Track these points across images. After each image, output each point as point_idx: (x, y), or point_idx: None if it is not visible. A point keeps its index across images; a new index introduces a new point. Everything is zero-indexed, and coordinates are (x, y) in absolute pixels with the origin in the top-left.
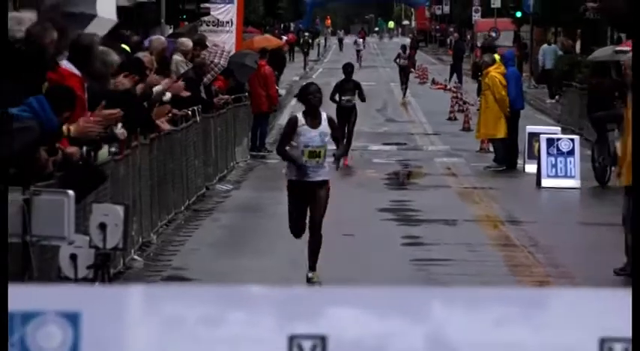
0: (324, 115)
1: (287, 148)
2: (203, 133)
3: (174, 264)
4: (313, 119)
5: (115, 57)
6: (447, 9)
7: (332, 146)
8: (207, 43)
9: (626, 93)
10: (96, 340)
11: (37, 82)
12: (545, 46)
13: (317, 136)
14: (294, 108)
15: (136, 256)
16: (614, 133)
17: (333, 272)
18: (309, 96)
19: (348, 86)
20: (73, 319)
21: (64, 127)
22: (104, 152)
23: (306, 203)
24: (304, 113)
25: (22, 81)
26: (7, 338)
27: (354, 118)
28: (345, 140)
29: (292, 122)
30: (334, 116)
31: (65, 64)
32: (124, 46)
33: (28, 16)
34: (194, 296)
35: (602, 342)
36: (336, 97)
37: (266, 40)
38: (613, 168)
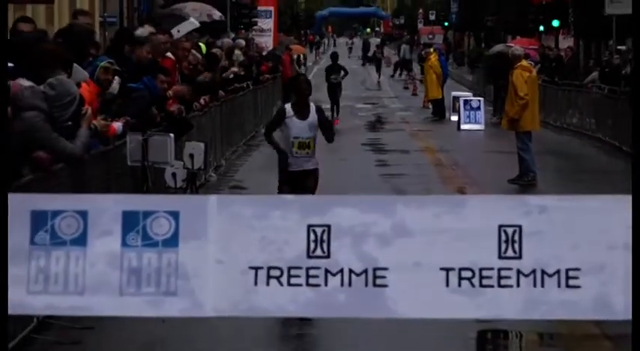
0: (312, 106)
1: (279, 144)
2: (253, 98)
3: (236, 178)
4: (302, 110)
5: (198, 55)
6: (402, 20)
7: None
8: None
9: (509, 70)
10: (189, 228)
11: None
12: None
13: (306, 127)
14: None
15: (212, 174)
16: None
17: (332, 183)
18: (298, 87)
19: (335, 68)
20: (174, 215)
21: (168, 93)
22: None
23: (295, 191)
24: (293, 105)
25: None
26: (7, 338)
27: (340, 91)
28: (335, 111)
29: (281, 113)
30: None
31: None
32: (201, 44)
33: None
34: (249, 200)
35: (500, 227)
36: (327, 78)
37: (297, 48)
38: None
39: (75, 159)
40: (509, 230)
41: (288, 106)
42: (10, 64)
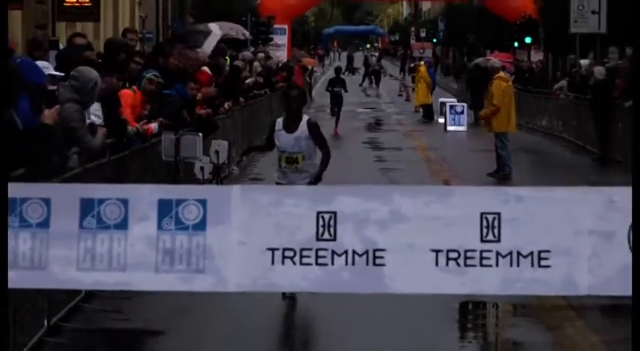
0: (304, 121)
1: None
2: (269, 103)
3: (254, 172)
4: (291, 124)
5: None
6: (397, 36)
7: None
8: (270, 56)
9: (489, 80)
10: (215, 214)
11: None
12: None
13: (291, 141)
14: (317, 90)
15: (234, 168)
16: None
17: (337, 174)
18: (289, 100)
19: (337, 81)
20: (203, 202)
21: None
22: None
23: None
24: (285, 118)
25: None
26: (7, 337)
27: (341, 101)
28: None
29: (271, 125)
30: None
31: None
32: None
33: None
34: (266, 190)
35: (482, 214)
36: (329, 88)
37: (308, 61)
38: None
39: (94, 151)
40: (490, 217)
41: (279, 120)
42: (60, 74)
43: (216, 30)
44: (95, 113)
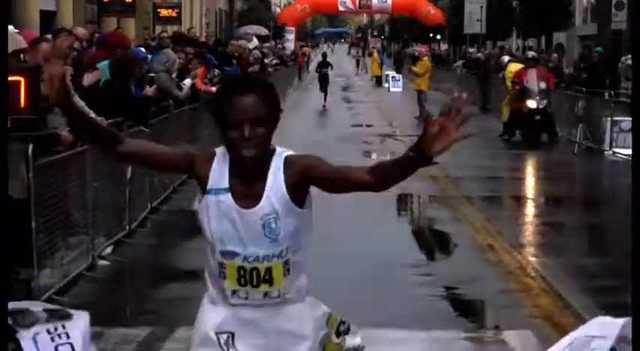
0: (277, 160)
1: None
2: (285, 72)
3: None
4: (249, 179)
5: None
6: (359, 35)
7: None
8: (284, 46)
9: (418, 60)
10: None
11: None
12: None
13: (252, 224)
14: (311, 73)
15: None
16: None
17: (324, 115)
18: (241, 122)
19: (324, 64)
20: None
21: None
22: None
23: None
24: (236, 163)
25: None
26: (7, 337)
27: (328, 80)
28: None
29: (191, 161)
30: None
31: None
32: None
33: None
34: None
35: None
36: (317, 70)
37: (306, 50)
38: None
39: (180, 100)
40: None
41: (218, 158)
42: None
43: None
44: (184, 82)
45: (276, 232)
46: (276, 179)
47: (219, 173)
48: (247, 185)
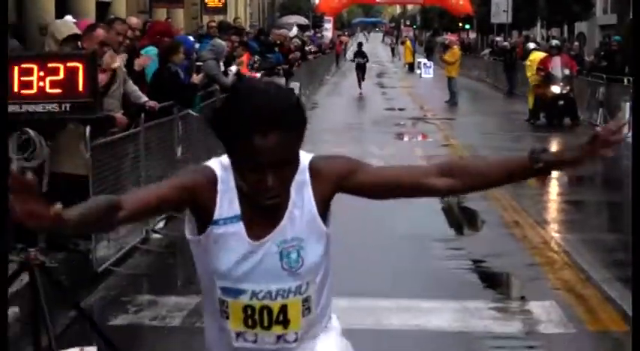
0: (304, 167)
1: None
2: (323, 60)
3: (313, 101)
4: (264, 199)
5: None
6: (393, 24)
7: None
8: (322, 35)
9: (448, 49)
10: None
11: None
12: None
13: (267, 256)
14: (347, 61)
15: (304, 97)
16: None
17: (363, 97)
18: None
19: (359, 53)
20: None
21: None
22: None
23: None
24: (247, 182)
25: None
26: (6, 336)
27: (365, 69)
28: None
29: (191, 181)
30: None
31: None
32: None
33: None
34: None
35: None
36: (353, 59)
37: (344, 38)
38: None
39: (227, 87)
40: None
41: (219, 174)
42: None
43: (295, 23)
44: (231, 69)
45: (297, 263)
46: (302, 197)
47: (227, 199)
48: (263, 209)
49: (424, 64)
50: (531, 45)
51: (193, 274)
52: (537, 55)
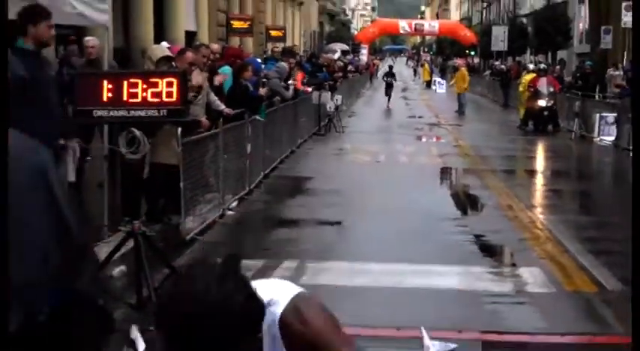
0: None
1: None
2: (360, 79)
3: (351, 110)
4: None
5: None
6: (414, 50)
7: None
8: (359, 59)
9: (456, 70)
10: None
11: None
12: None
13: None
14: (379, 79)
15: (344, 107)
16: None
17: (389, 111)
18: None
19: (389, 73)
20: None
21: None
22: None
23: None
24: None
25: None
26: (6, 337)
27: (393, 86)
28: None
29: None
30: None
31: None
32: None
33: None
34: None
35: None
36: (384, 78)
37: (376, 62)
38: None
39: (288, 99)
40: None
41: None
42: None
43: (338, 48)
44: (290, 83)
45: None
46: None
47: None
48: None
49: (438, 81)
50: (530, 66)
51: (259, 242)
52: (530, 76)
